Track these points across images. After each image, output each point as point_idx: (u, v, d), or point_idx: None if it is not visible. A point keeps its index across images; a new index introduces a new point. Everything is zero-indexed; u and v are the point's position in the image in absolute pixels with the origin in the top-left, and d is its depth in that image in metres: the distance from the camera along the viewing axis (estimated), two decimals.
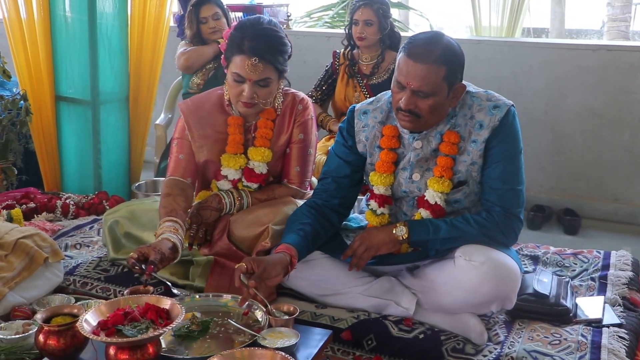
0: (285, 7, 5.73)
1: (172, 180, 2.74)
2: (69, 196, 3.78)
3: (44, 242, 2.76)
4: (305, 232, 2.46)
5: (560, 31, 8.63)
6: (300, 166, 2.79)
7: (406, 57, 2.33)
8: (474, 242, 2.38)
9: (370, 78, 4.06)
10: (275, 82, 2.63)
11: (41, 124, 4.11)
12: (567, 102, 4.64)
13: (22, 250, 2.67)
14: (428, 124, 2.42)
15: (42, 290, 2.66)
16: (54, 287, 2.73)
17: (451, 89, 2.36)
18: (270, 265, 2.27)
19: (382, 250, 2.46)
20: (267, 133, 2.73)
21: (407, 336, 2.36)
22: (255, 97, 2.59)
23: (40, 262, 2.66)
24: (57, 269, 2.77)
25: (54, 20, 3.97)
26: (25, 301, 2.56)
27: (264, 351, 1.91)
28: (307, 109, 2.79)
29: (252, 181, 2.74)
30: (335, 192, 2.62)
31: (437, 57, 2.30)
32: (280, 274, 2.30)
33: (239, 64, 2.54)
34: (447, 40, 2.36)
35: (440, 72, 2.31)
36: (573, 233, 4.39)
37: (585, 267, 2.95)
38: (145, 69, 4.27)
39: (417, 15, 7.51)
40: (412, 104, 2.35)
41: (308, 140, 2.79)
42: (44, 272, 2.69)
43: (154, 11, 4.22)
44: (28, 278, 2.61)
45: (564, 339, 2.36)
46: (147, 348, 1.87)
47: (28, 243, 2.69)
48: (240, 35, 2.55)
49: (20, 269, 2.60)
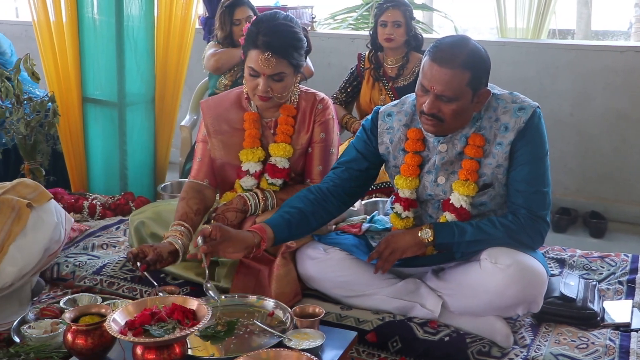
0: (310, 9, 5.75)
1: (189, 183, 2.81)
2: (95, 197, 3.82)
3: (26, 188, 2.65)
4: (291, 216, 2.45)
5: (586, 32, 8.55)
6: (322, 165, 2.79)
7: (431, 61, 2.32)
8: (500, 245, 2.37)
9: (395, 81, 4.06)
10: (290, 76, 2.65)
11: (68, 125, 4.15)
12: (593, 104, 4.60)
13: (6, 206, 2.55)
14: (451, 128, 2.41)
15: (38, 242, 2.55)
16: (50, 235, 2.61)
17: (475, 94, 2.35)
18: (233, 239, 2.31)
19: (407, 253, 2.46)
20: (288, 129, 2.74)
21: (433, 338, 2.35)
22: (270, 91, 2.61)
23: (27, 211, 2.54)
24: (47, 212, 2.65)
25: (82, 22, 4.01)
26: (25, 263, 2.48)
27: (289, 352, 1.91)
28: (328, 109, 2.80)
29: (277, 177, 2.75)
30: (345, 181, 2.59)
31: (461, 62, 2.29)
32: (240, 252, 2.34)
33: (254, 58, 2.58)
34: (473, 45, 2.35)
35: (465, 77, 2.29)
36: (599, 236, 4.35)
37: (613, 270, 2.93)
38: (171, 70, 4.30)
39: (442, 17, 7.49)
40: (435, 108, 2.34)
41: (330, 139, 2.80)
42: (36, 220, 2.57)
43: (180, 13, 4.25)
44: (20, 233, 2.51)
45: (591, 343, 2.34)
46: (174, 348, 1.88)
47: (10, 197, 2.57)
48: (256, 30, 2.59)
49: (8, 228, 2.50)
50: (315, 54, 2.86)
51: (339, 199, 2.58)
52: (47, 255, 2.62)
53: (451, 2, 8.94)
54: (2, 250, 2.46)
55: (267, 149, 2.77)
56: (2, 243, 2.47)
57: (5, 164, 4.42)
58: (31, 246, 2.55)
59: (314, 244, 2.64)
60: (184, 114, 4.83)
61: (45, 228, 2.62)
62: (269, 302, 2.35)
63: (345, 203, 2.63)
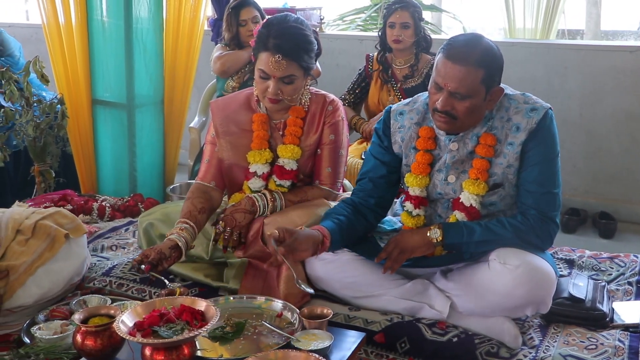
0: (318, 10, 5.76)
1: (196, 185, 2.83)
2: (105, 198, 3.83)
3: (64, 218, 2.74)
4: (341, 222, 2.47)
5: (595, 33, 8.51)
6: (331, 167, 2.80)
7: (445, 59, 2.33)
8: (509, 246, 2.37)
9: (404, 82, 4.06)
10: (301, 79, 2.66)
11: (78, 127, 4.17)
12: (603, 104, 4.59)
13: (42, 232, 2.64)
14: (464, 126, 2.42)
15: (66, 270, 2.63)
16: (79, 266, 2.71)
17: (488, 92, 2.35)
18: (302, 237, 2.32)
19: (416, 253, 2.46)
20: (297, 131, 2.75)
21: (441, 339, 2.35)
22: (280, 94, 2.62)
23: (62, 241, 2.63)
24: (79, 245, 2.74)
25: (91, 25, 4.03)
26: (50, 287, 2.54)
27: (298, 353, 1.92)
28: (338, 110, 2.80)
29: (285, 178, 2.76)
30: (372, 192, 2.62)
31: (475, 59, 2.29)
32: (309, 250, 2.34)
33: (264, 61, 2.59)
34: (487, 43, 2.35)
35: (479, 75, 2.30)
36: (609, 237, 4.34)
37: (622, 271, 2.92)
38: (179, 72, 4.31)
39: (450, 18, 7.49)
40: (448, 105, 2.34)
41: (339, 141, 2.80)
42: (67, 251, 2.66)
43: (189, 15, 4.26)
44: (52, 259, 2.59)
45: (600, 344, 2.33)
46: (183, 349, 1.89)
47: (48, 223, 2.66)
48: (266, 33, 2.59)
49: (41, 251, 2.57)
50: (323, 55, 2.86)
51: (371, 209, 2.61)
52: (69, 285, 2.69)
53: (460, 2, 8.93)
54: (30, 271, 2.52)
55: (276, 150, 2.77)
56: (31, 264, 2.53)
57: (16, 166, 4.44)
58: (58, 273, 2.61)
59: None
60: (193, 115, 4.85)
61: (74, 259, 2.70)
62: (277, 303, 2.36)
63: (379, 214, 2.66)
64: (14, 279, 2.47)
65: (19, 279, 2.48)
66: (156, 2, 4.08)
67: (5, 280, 2.45)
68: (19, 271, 2.49)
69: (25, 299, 2.49)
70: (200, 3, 4.29)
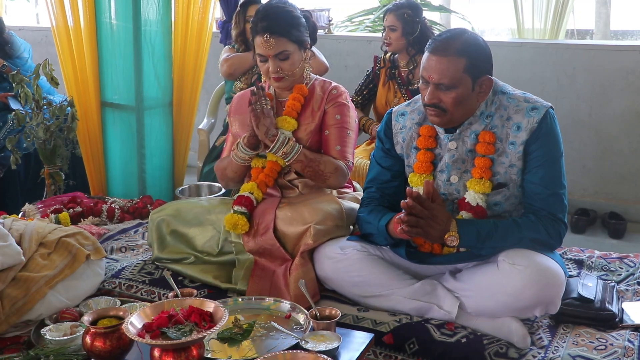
0: (327, 12, 5.77)
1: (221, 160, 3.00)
2: (114, 200, 3.84)
3: (86, 240, 2.79)
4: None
5: (605, 33, 8.49)
6: (340, 145, 2.82)
7: (428, 53, 2.39)
8: (518, 246, 2.36)
9: (410, 83, 4.07)
10: (296, 52, 2.77)
11: (87, 129, 4.19)
12: (612, 104, 4.57)
13: (64, 249, 2.70)
14: (455, 118, 2.42)
15: (84, 289, 2.68)
16: (96, 286, 2.77)
17: (476, 82, 2.37)
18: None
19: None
20: (295, 105, 2.83)
21: (450, 340, 2.35)
22: (280, 71, 2.76)
23: (82, 260, 2.68)
24: (99, 266, 2.80)
25: (100, 27, 4.05)
26: (68, 302, 2.58)
27: (306, 354, 1.92)
28: (342, 95, 2.88)
29: None
30: (380, 199, 2.65)
31: (456, 49, 2.33)
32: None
33: (258, 44, 2.74)
34: (470, 34, 2.40)
35: (460, 64, 2.33)
36: (618, 237, 4.32)
37: (632, 271, 2.90)
38: (188, 74, 4.33)
39: (459, 19, 7.47)
40: (435, 97, 2.37)
41: (345, 121, 2.84)
42: (85, 270, 2.71)
43: (197, 17, 4.28)
44: (70, 276, 2.63)
45: (609, 344, 2.32)
46: (191, 350, 1.89)
47: (70, 241, 2.72)
48: (255, 19, 2.77)
49: (62, 267, 2.63)
50: (332, 56, 2.90)
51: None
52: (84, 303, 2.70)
53: (468, 3, 8.92)
54: (51, 284, 2.56)
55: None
56: (52, 277, 2.58)
57: (26, 168, 4.47)
58: (77, 291, 2.65)
59: (331, 243, 2.65)
60: (202, 117, 4.86)
61: (92, 280, 2.75)
62: (285, 304, 2.36)
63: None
64: (34, 290, 2.50)
65: (40, 291, 2.51)
66: (165, 4, 4.09)
67: (26, 291, 2.48)
68: (39, 283, 2.52)
69: (43, 312, 2.51)
70: (208, 5, 4.31)
